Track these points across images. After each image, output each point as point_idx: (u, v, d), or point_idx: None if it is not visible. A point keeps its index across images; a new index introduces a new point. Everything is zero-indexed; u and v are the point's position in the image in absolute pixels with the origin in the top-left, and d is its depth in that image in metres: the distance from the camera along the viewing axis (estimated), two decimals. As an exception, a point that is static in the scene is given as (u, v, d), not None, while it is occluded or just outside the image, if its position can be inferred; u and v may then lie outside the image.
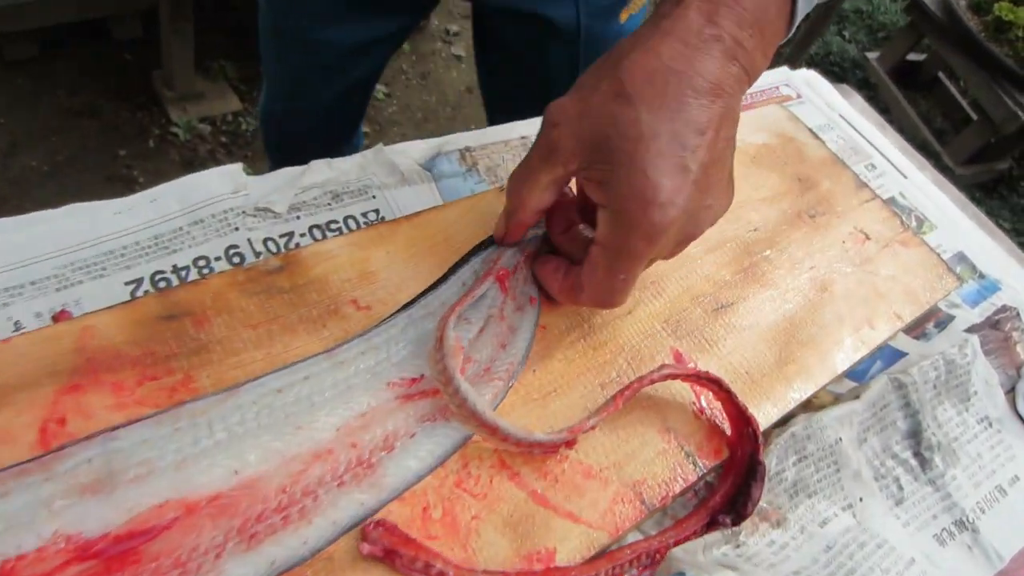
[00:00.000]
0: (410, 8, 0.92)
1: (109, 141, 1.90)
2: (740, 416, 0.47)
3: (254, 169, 1.95)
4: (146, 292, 0.45)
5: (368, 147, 0.57)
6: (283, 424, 0.39)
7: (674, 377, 0.47)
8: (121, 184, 1.83)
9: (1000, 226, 0.82)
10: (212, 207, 0.49)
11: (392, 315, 0.46)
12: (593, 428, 0.44)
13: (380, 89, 2.32)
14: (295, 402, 0.40)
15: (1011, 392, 0.64)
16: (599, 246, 0.42)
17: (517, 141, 0.62)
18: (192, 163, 1.92)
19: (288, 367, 0.41)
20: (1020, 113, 2.34)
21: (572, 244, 0.48)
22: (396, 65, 2.44)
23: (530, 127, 0.64)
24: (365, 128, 2.18)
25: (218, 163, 1.94)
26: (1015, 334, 0.69)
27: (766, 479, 0.48)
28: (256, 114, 2.08)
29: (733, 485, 0.46)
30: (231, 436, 0.38)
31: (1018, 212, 2.62)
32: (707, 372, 0.47)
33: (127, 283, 0.45)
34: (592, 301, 0.45)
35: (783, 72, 0.83)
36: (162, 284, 0.46)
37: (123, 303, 0.41)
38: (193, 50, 1.87)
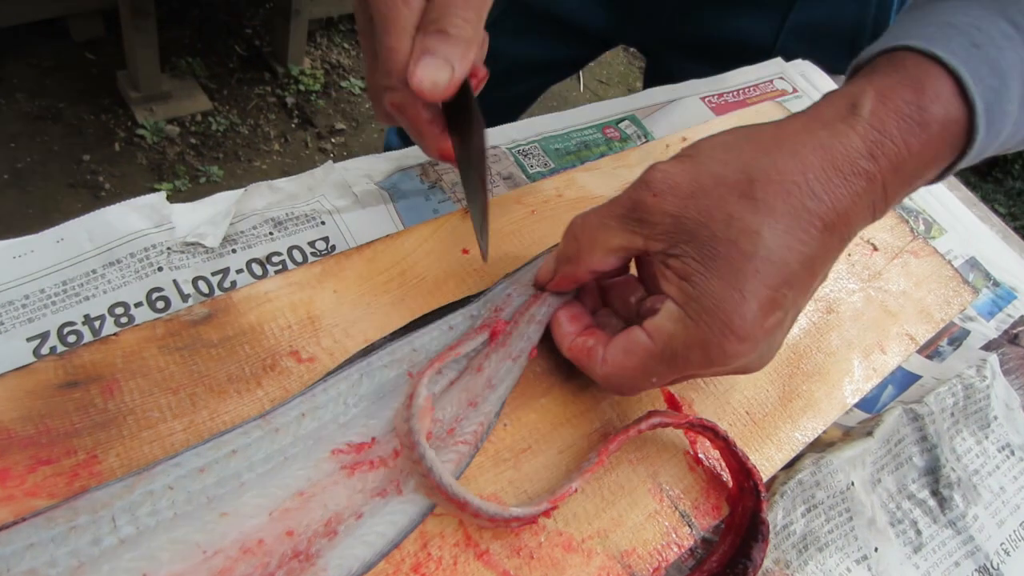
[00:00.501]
0: (592, 43, 0.92)
1: (72, 146, 1.82)
2: (740, 468, 0.41)
3: (225, 171, 1.89)
4: (52, 348, 0.39)
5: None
6: (205, 511, 0.33)
7: (664, 425, 0.41)
8: (86, 191, 1.75)
9: (995, 211, 0.77)
10: (130, 244, 0.43)
11: (341, 366, 0.39)
12: (575, 491, 0.38)
13: (356, 83, 2.24)
14: (218, 483, 0.34)
15: (1033, 413, 0.59)
16: (648, 339, 0.36)
17: (487, 152, 0.56)
18: (161, 166, 1.85)
19: (213, 439, 0.35)
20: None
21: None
22: (372, 58, 2.36)
23: (501, 136, 0.58)
24: (341, 125, 2.11)
25: (188, 167, 1.87)
26: (1034, 348, 0.63)
27: (771, 535, 0.42)
28: (226, 113, 2.01)
29: (732, 546, 0.40)
30: (140, 531, 0.32)
31: (1013, 196, 2.58)
32: (700, 419, 0.41)
33: (29, 339, 0.39)
34: (605, 381, 0.38)
35: (777, 64, 0.77)
36: (72, 339, 0.40)
37: (14, 370, 0.35)
38: (157, 48, 1.79)
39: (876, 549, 0.47)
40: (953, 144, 0.36)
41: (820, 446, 0.49)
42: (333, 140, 2.09)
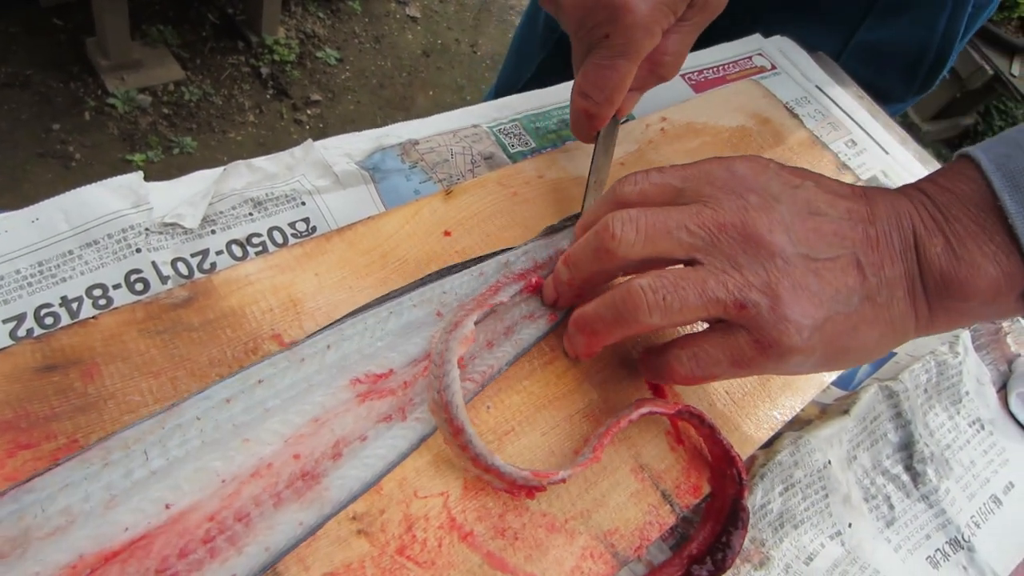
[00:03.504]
0: None
1: (41, 114, 1.78)
2: (723, 455, 0.41)
3: (199, 142, 1.86)
4: (29, 331, 0.39)
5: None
6: (230, 439, 0.34)
7: (653, 414, 0.42)
8: (56, 161, 1.72)
9: None
10: (108, 225, 0.42)
11: (369, 305, 0.41)
12: (563, 481, 0.38)
13: (332, 54, 2.21)
14: (245, 411, 0.35)
15: (1003, 390, 0.60)
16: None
17: (468, 131, 0.56)
18: (133, 136, 1.82)
19: (240, 371, 0.36)
20: (986, 67, 2.31)
21: None
22: (348, 28, 2.32)
23: (481, 115, 0.58)
24: (316, 96, 2.08)
25: (161, 137, 1.84)
26: (1005, 324, 0.64)
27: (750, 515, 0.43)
28: (199, 83, 1.97)
29: (712, 533, 0.41)
30: (170, 463, 0.33)
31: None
32: (688, 406, 0.42)
33: (5, 321, 0.38)
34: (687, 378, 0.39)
35: (756, 40, 0.77)
36: (49, 320, 0.39)
37: (-9, 355, 0.34)
38: (128, 15, 1.75)
39: (850, 525, 0.48)
40: (965, 184, 0.37)
41: (798, 424, 0.50)
42: (309, 112, 2.06)
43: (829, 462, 0.47)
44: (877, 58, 0.81)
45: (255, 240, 0.45)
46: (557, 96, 0.62)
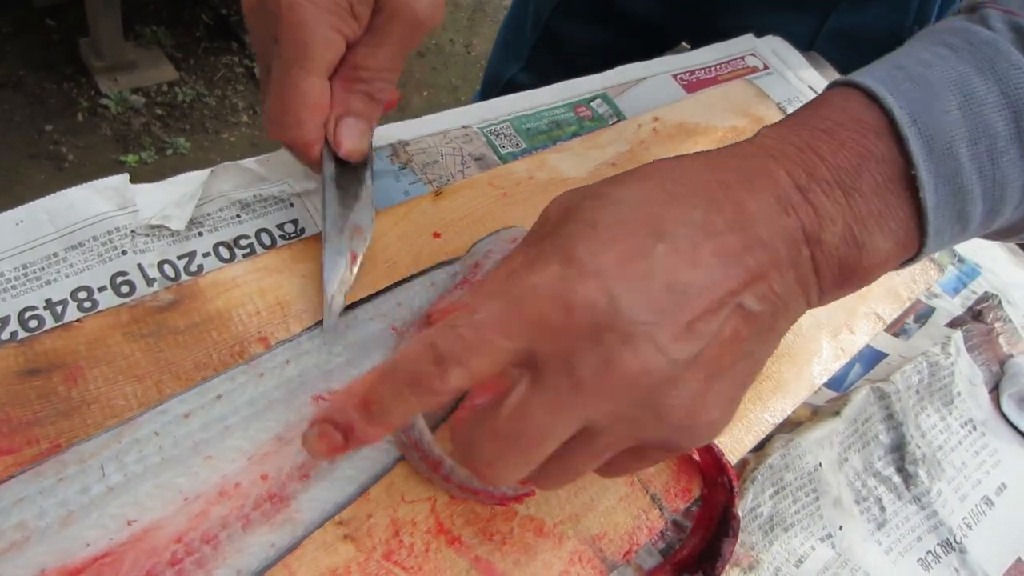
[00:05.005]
0: (649, 33, 0.91)
1: (34, 115, 1.77)
2: (715, 463, 0.41)
3: (192, 143, 1.86)
4: (13, 334, 0.38)
5: None
6: (191, 455, 0.34)
7: None
8: (48, 162, 1.71)
9: None
10: (93, 227, 0.42)
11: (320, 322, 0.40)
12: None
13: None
14: (203, 427, 0.35)
15: (995, 390, 0.60)
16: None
17: (459, 131, 0.55)
18: (126, 138, 1.81)
19: (197, 386, 0.36)
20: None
21: None
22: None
23: (472, 115, 0.57)
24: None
25: (154, 138, 1.83)
26: (998, 325, 0.64)
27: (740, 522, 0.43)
28: (193, 84, 1.97)
29: (703, 540, 0.41)
30: (128, 478, 0.33)
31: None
32: None
33: (-11, 325, 0.38)
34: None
35: (749, 40, 0.77)
36: (33, 324, 0.39)
37: (-28, 359, 0.34)
38: (121, 15, 1.74)
39: (840, 527, 0.47)
40: (881, 148, 0.31)
41: (789, 426, 0.49)
42: (303, 111, 2.05)
43: (820, 464, 0.47)
44: (852, 43, 0.80)
45: (243, 242, 0.45)
46: (548, 97, 0.61)
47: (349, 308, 0.41)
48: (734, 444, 0.45)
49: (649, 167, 0.31)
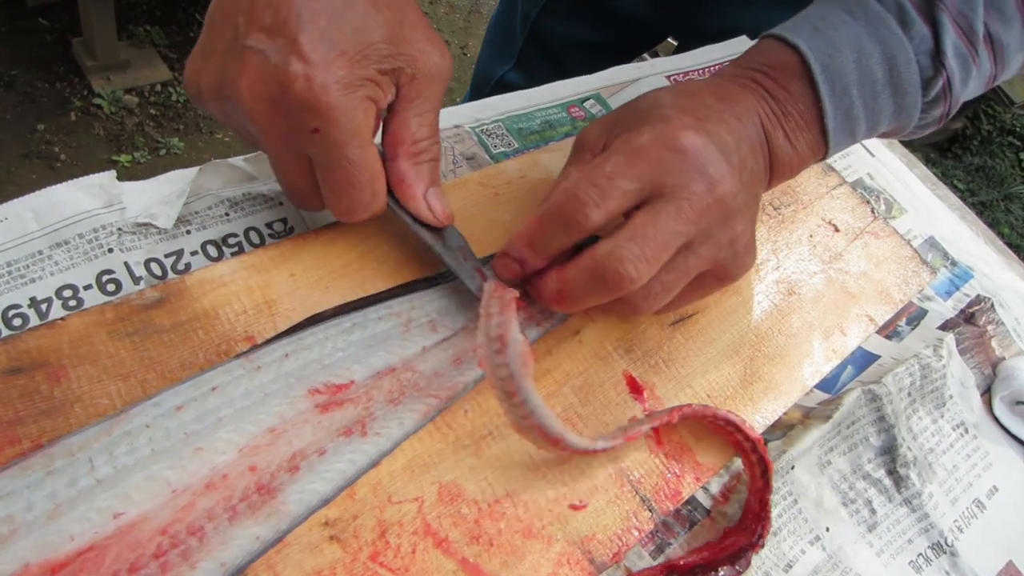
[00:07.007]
0: (635, 29, 0.93)
1: (26, 115, 1.76)
2: (760, 497, 0.42)
3: (186, 143, 1.85)
4: (-4, 333, 0.38)
5: None
6: (182, 447, 0.34)
7: (696, 416, 0.43)
8: (41, 161, 1.70)
9: (954, 187, 0.78)
10: (79, 225, 0.41)
11: (333, 312, 0.40)
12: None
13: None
14: (196, 419, 0.35)
15: (986, 393, 0.60)
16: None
17: (450, 131, 0.55)
18: (119, 137, 1.80)
19: (193, 378, 0.35)
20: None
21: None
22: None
23: (464, 115, 0.57)
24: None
25: (148, 138, 1.83)
26: (990, 327, 0.64)
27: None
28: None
29: (707, 560, 0.40)
30: (117, 471, 0.32)
31: (971, 172, 2.61)
32: (728, 413, 0.43)
33: (-28, 323, 0.38)
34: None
35: (742, 42, 0.77)
36: (17, 322, 0.38)
37: (-46, 357, 0.34)
38: (115, 15, 1.74)
39: (827, 529, 0.47)
40: (802, 87, 0.45)
41: (780, 428, 0.49)
42: (297, 112, 2.04)
43: (793, 467, 0.47)
44: None
45: (231, 240, 0.44)
46: (540, 97, 0.61)
47: (355, 306, 0.41)
48: (725, 447, 0.44)
49: (655, 91, 0.45)
